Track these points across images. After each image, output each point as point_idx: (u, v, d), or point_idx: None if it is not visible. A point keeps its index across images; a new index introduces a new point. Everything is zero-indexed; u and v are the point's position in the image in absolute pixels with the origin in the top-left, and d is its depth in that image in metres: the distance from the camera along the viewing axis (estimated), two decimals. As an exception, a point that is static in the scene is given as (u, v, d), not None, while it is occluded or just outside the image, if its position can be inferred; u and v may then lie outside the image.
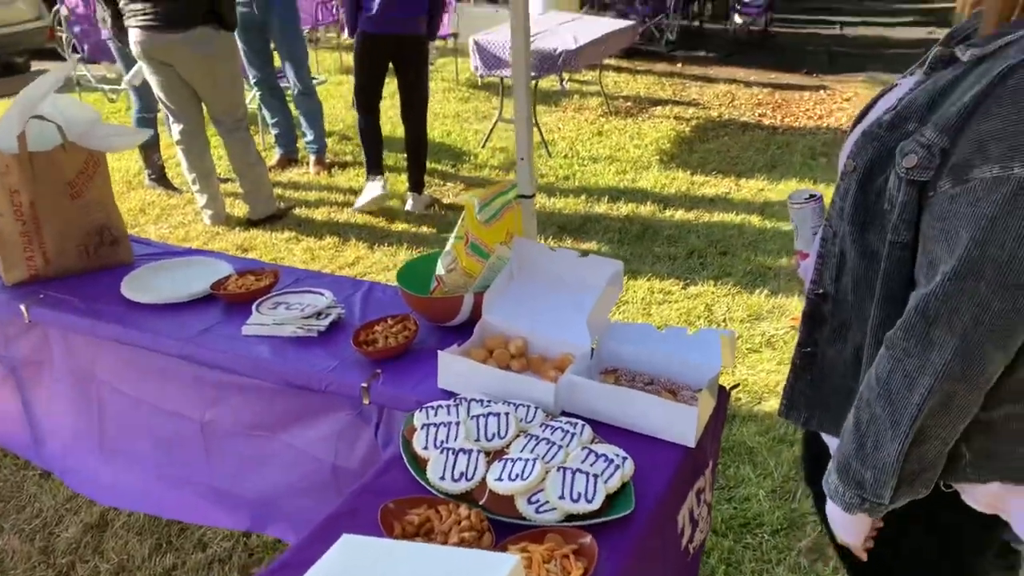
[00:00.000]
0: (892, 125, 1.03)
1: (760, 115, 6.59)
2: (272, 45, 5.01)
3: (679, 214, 4.54)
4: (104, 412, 2.02)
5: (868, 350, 1.06)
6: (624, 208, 4.61)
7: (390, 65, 4.41)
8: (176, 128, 4.18)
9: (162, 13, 3.79)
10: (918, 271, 0.98)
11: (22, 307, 2.00)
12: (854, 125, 1.22)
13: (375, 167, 4.55)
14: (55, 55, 8.68)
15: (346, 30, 4.47)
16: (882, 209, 1.02)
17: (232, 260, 2.22)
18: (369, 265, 3.91)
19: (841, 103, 6.87)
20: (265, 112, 5.21)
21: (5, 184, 2.03)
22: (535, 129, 5.65)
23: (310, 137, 5.19)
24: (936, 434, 0.96)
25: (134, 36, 3.92)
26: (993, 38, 0.96)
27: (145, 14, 3.82)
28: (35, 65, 9.45)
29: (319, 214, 4.53)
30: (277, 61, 5.10)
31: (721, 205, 4.67)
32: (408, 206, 4.55)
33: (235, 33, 4.07)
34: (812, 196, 1.35)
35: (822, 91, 7.30)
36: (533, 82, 5.78)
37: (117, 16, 3.96)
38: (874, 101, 1.22)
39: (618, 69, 8.15)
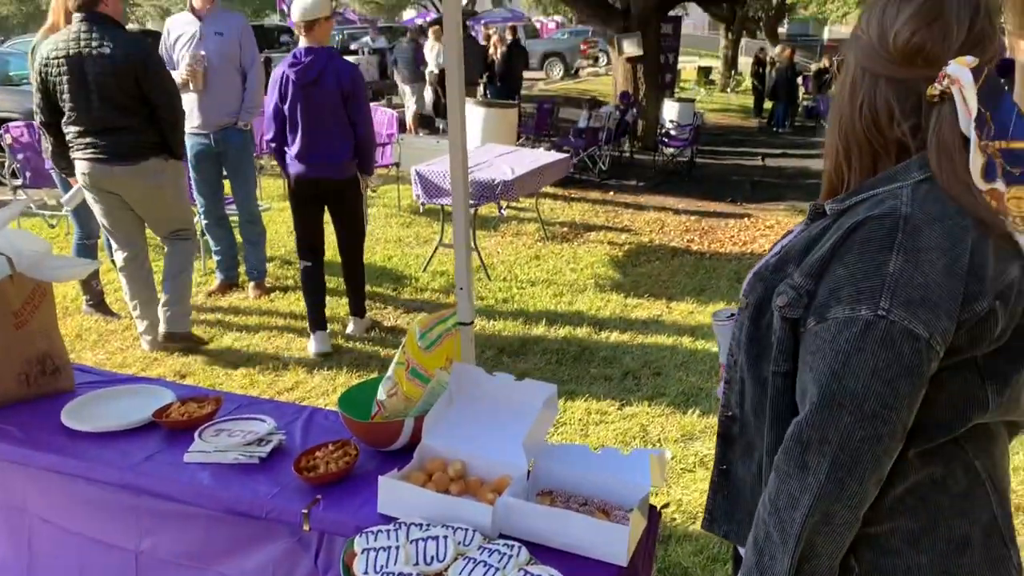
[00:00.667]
0: (776, 268, 1.17)
1: (688, 241, 6.93)
2: (224, 173, 5.15)
3: (614, 336, 4.69)
4: (33, 544, 1.98)
5: (764, 470, 1.17)
6: (561, 330, 4.75)
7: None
8: (120, 256, 4.20)
9: (111, 146, 3.89)
10: (798, 399, 1.10)
11: (-45, 440, 1.98)
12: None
13: (317, 322, 4.41)
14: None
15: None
16: (770, 342, 1.15)
17: (174, 387, 2.25)
18: (309, 390, 3.93)
19: (764, 230, 7.27)
20: (209, 239, 5.29)
21: (-52, 314, 2.05)
22: (475, 253, 5.83)
23: (252, 262, 5.27)
24: (823, 550, 1.05)
25: (81, 167, 3.98)
26: (850, 196, 1.13)
27: (94, 147, 3.91)
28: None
29: (259, 339, 4.55)
30: (226, 188, 5.24)
31: (654, 327, 4.85)
32: (349, 330, 4.61)
33: (186, 160, 4.23)
34: (733, 315, 1.48)
35: (746, 219, 7.73)
36: (472, 209, 6.01)
37: (61, 146, 4.04)
38: (774, 245, 1.38)
39: (554, 196, 8.51)
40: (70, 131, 3.95)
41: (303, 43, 4.16)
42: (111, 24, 3.88)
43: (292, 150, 4.20)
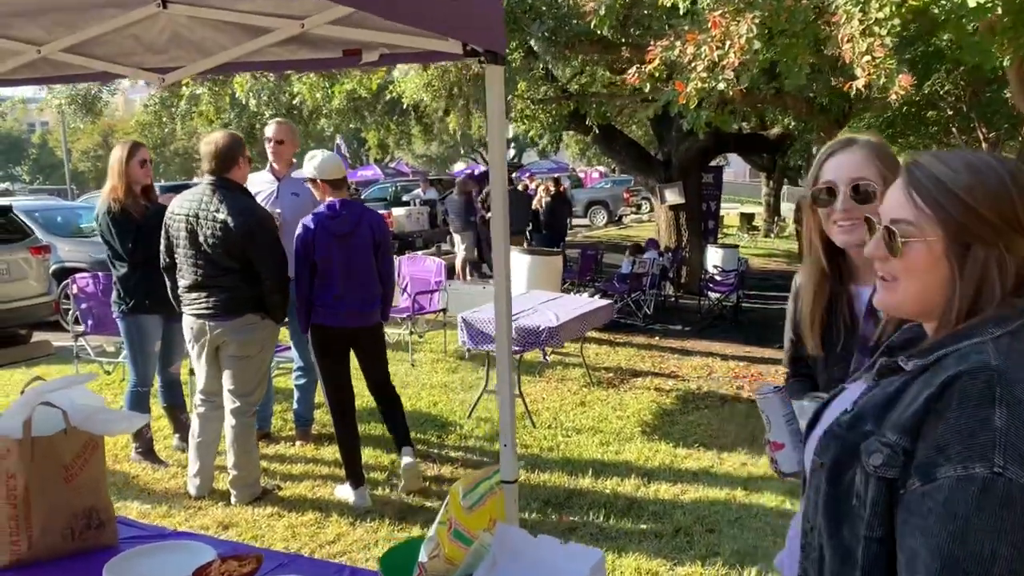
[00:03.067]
0: (851, 425, 1.15)
1: (738, 388, 6.82)
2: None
3: (663, 488, 4.55)
4: None
5: None
6: (608, 482, 4.63)
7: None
8: (199, 395, 4.31)
9: (211, 302, 4.08)
10: (900, 567, 1.04)
11: (-4, 597, 1.97)
12: (809, 428, 1.35)
13: (356, 476, 4.37)
14: (57, 326, 9.05)
15: (300, 327, 4.51)
16: (852, 505, 1.10)
17: (215, 543, 2.22)
18: (351, 543, 3.84)
19: (814, 376, 7.13)
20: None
21: (3, 468, 2.08)
22: (519, 399, 5.80)
23: (300, 409, 5.31)
24: None
25: (186, 320, 4.21)
26: (931, 350, 1.12)
27: (197, 302, 4.12)
28: (36, 335, 9.80)
29: (302, 489, 4.51)
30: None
31: (705, 479, 4.70)
32: (405, 462, 4.48)
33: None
34: (778, 388, 1.45)
35: (795, 364, 7.60)
36: (517, 355, 6.04)
37: (176, 289, 4.24)
38: (826, 403, 1.35)
39: (599, 341, 8.52)
40: (180, 283, 4.18)
41: (331, 197, 4.31)
42: (234, 189, 4.13)
43: (323, 300, 4.27)
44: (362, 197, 19.43)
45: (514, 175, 20.95)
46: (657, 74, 6.06)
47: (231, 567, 2.01)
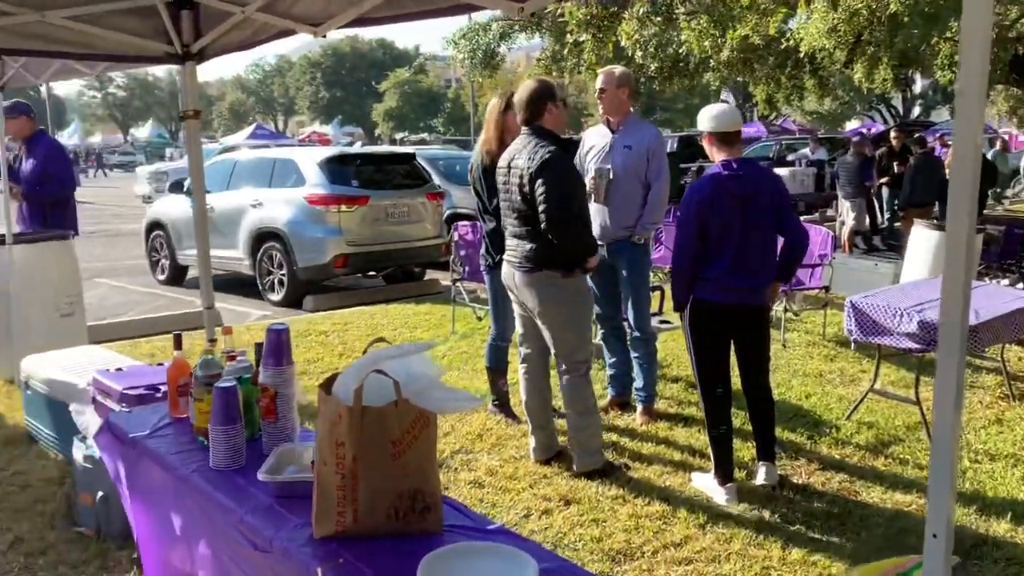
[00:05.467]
0: None
1: None
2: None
3: (1119, 557, 3.42)
4: None
5: None
6: (1036, 534, 3.60)
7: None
8: (522, 351, 4.25)
9: (522, 254, 3.97)
10: None
11: (318, 570, 1.86)
12: None
13: (726, 474, 3.89)
14: (447, 267, 9.75)
15: (674, 303, 4.04)
16: None
17: (538, 553, 1.91)
18: (698, 551, 3.39)
19: None
20: (605, 351, 5.11)
21: (334, 434, 1.96)
22: (915, 406, 4.85)
23: (639, 384, 4.95)
24: None
25: (503, 272, 4.15)
26: None
27: (511, 252, 4.06)
28: (428, 274, 10.71)
29: (650, 473, 4.15)
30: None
31: None
32: (761, 479, 3.97)
33: (586, 277, 4.08)
34: None
35: None
36: (918, 356, 5.04)
37: (498, 247, 4.25)
38: None
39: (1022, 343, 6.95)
40: (506, 233, 4.15)
41: (723, 155, 3.80)
42: (543, 136, 3.93)
43: (709, 272, 3.80)
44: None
45: (918, 135, 18.41)
46: None
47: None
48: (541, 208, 3.80)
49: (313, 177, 9.27)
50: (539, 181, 3.80)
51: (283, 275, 9.22)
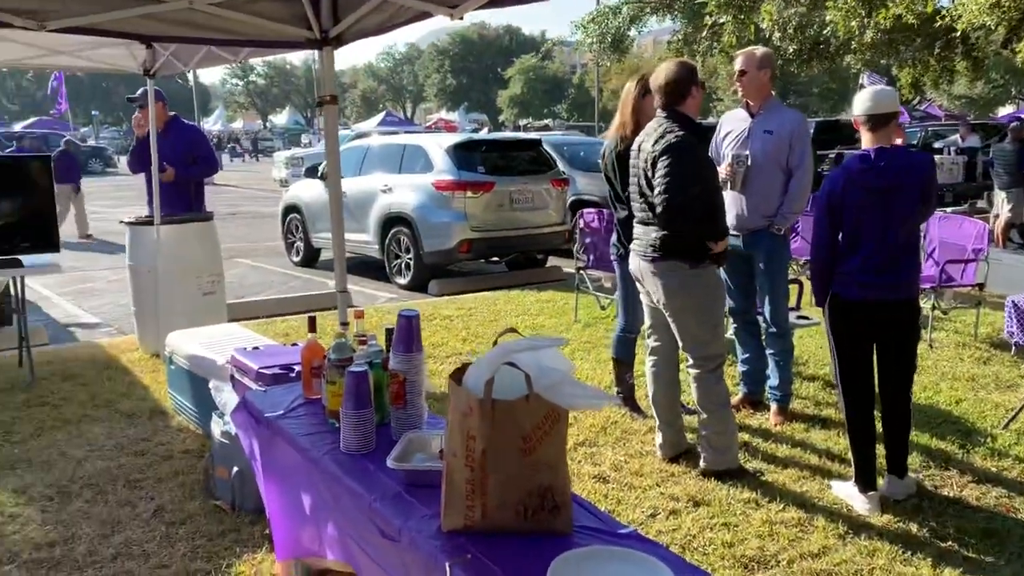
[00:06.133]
0: None
1: None
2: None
3: None
4: None
5: None
6: None
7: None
8: (650, 343, 4.13)
9: (649, 242, 3.82)
10: None
11: (447, 565, 1.82)
12: None
13: (868, 480, 3.64)
14: (569, 254, 9.65)
15: (814, 299, 3.82)
16: None
17: (674, 563, 1.80)
18: (837, 563, 3.17)
19: None
20: (736, 344, 4.89)
21: (465, 427, 1.92)
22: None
23: (774, 382, 4.70)
24: None
25: (631, 261, 4.03)
26: None
27: (638, 240, 3.93)
28: (551, 261, 10.66)
29: (785, 477, 3.93)
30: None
31: None
32: (882, 489, 3.71)
33: (718, 269, 3.89)
34: None
35: None
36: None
37: (630, 236, 4.12)
38: None
39: None
40: (634, 221, 4.02)
41: (869, 141, 3.52)
42: (679, 121, 3.77)
43: (847, 266, 3.56)
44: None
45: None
46: None
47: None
48: (656, 192, 3.67)
49: (441, 163, 9.37)
50: (659, 165, 3.66)
51: (410, 259, 9.38)
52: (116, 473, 3.95)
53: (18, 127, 38.43)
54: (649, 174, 3.74)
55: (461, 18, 3.42)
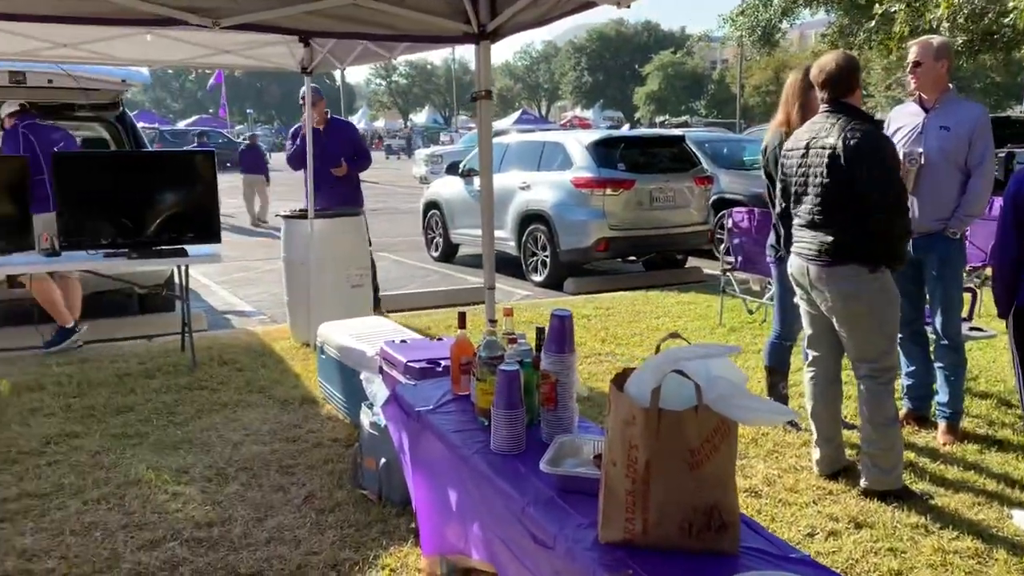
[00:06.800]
0: None
1: None
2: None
3: None
4: None
5: None
6: None
7: None
8: (810, 353, 3.90)
9: (821, 245, 3.56)
10: None
11: (606, 578, 1.73)
12: None
13: None
14: (709, 255, 9.35)
15: (997, 309, 3.50)
16: None
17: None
18: (1023, 603, 2.88)
19: None
20: (902, 357, 4.54)
21: (627, 435, 1.82)
22: None
23: (943, 398, 4.33)
24: None
25: (791, 263, 3.78)
26: None
27: (804, 242, 3.66)
28: (690, 261, 10.37)
29: (956, 502, 3.61)
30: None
31: None
32: None
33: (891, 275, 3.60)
34: None
35: None
36: None
37: (787, 240, 3.88)
38: None
39: None
40: (794, 223, 3.77)
41: None
42: (850, 113, 3.52)
43: None
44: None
45: None
46: None
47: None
48: (874, 194, 3.39)
49: (580, 160, 9.28)
50: (867, 164, 3.39)
51: (546, 256, 9.35)
52: (269, 458, 4.09)
53: (181, 124, 41.26)
54: (841, 175, 3.46)
55: (628, 6, 3.30)
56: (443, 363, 3.53)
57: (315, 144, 6.39)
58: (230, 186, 16.46)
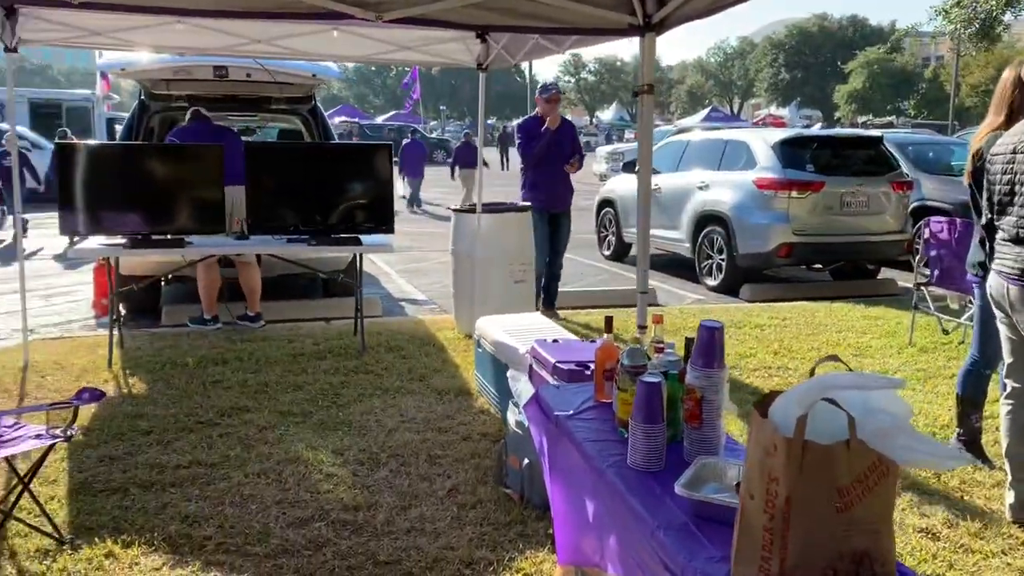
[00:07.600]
0: None
1: None
2: None
3: None
4: None
5: None
6: None
7: None
8: (1009, 384, 3.47)
9: (1020, 263, 3.16)
10: None
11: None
12: None
13: None
14: (905, 266, 8.61)
15: None
16: None
17: None
18: None
19: None
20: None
21: (767, 466, 1.64)
22: None
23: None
24: None
25: (990, 282, 3.39)
26: None
27: (1007, 259, 3.25)
28: (883, 272, 9.60)
29: None
30: None
31: None
32: None
33: None
34: None
35: None
36: None
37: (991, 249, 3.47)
38: None
39: None
40: (999, 236, 3.35)
41: None
42: None
43: None
44: None
45: None
46: None
47: None
48: None
49: (765, 160, 8.82)
50: None
51: (722, 260, 8.97)
52: (420, 447, 4.15)
53: (379, 119, 43.47)
54: None
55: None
56: (592, 366, 3.42)
57: (550, 141, 6.87)
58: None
